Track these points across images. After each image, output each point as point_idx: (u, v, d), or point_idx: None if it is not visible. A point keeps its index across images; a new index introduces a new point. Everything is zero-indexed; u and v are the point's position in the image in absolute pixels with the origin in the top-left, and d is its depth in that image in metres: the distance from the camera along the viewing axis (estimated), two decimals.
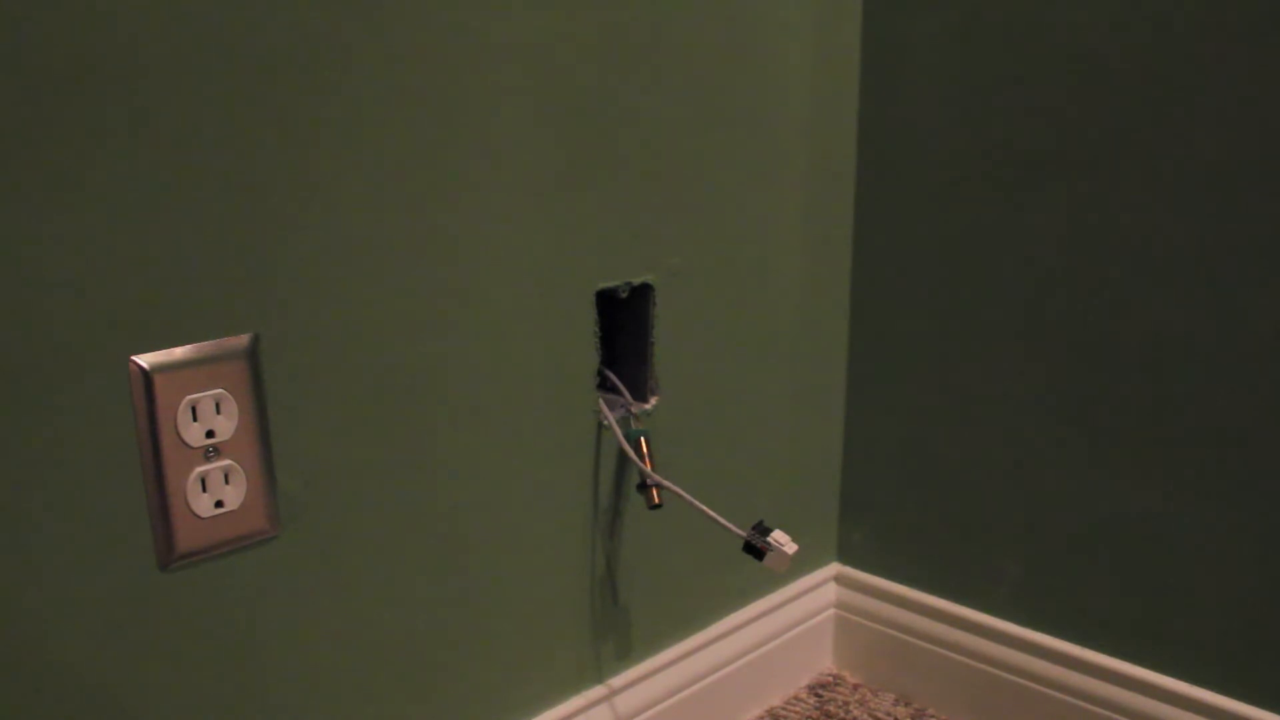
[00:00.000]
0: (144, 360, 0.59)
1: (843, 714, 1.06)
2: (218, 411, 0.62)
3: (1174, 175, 0.83)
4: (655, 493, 0.83)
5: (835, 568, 1.13)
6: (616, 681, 0.92)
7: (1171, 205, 0.84)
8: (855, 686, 1.11)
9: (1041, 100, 0.89)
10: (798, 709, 1.07)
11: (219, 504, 0.63)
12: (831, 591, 1.13)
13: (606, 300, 0.84)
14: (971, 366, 0.98)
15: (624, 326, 0.89)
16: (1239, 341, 0.82)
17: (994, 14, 0.91)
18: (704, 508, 0.82)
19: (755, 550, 0.79)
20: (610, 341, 0.87)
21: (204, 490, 0.62)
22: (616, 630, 0.91)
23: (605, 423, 0.85)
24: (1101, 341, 0.89)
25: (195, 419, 0.61)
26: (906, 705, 1.07)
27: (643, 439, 0.84)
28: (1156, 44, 0.82)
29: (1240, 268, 0.81)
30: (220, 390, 0.62)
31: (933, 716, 1.05)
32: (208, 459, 0.62)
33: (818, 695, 1.09)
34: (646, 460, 0.84)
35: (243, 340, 0.63)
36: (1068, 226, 0.89)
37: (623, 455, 0.87)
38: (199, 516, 0.62)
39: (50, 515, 0.57)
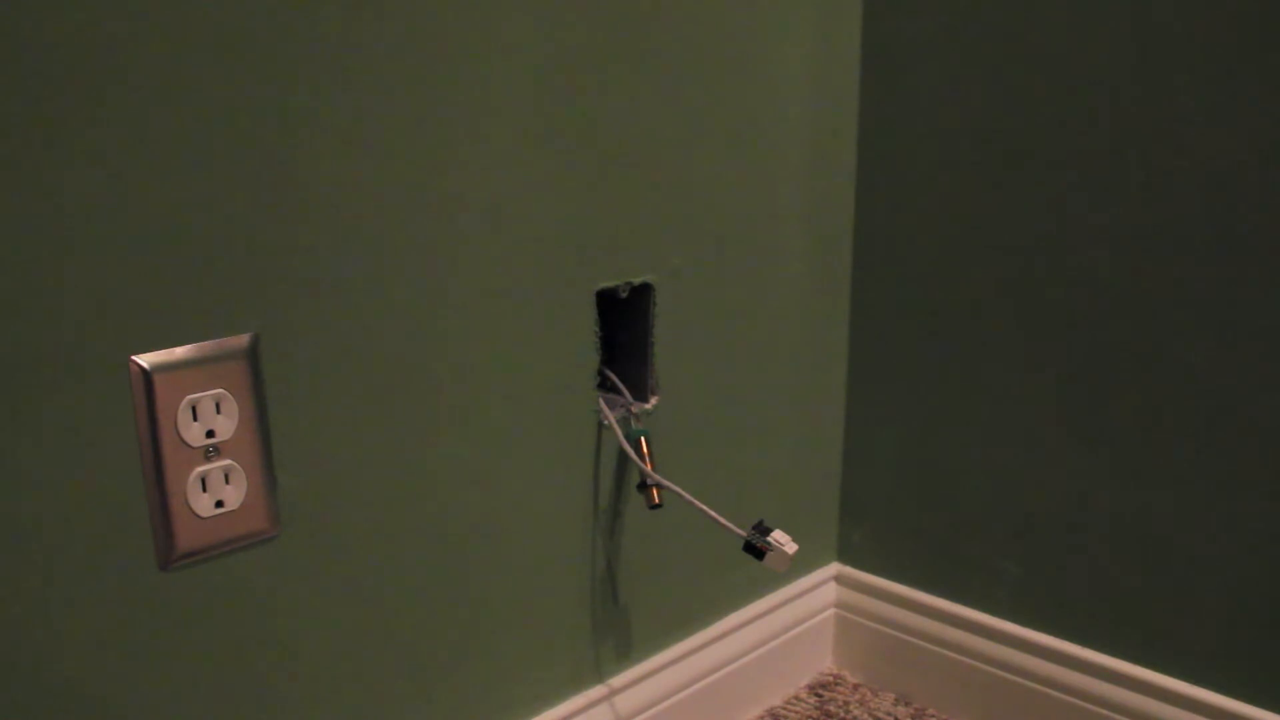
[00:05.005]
0: (144, 360, 0.59)
1: (843, 714, 1.06)
2: (218, 411, 0.62)
3: (1174, 174, 0.83)
4: (655, 492, 0.83)
5: (835, 568, 1.13)
6: (616, 681, 0.92)
7: (1172, 203, 0.84)
8: (855, 686, 1.11)
9: (1042, 100, 0.89)
10: (798, 709, 1.07)
11: (219, 504, 0.63)
12: (831, 591, 1.13)
13: (606, 300, 0.84)
14: (971, 366, 0.98)
15: (624, 326, 0.89)
16: (1238, 340, 0.82)
17: (994, 14, 0.91)
18: (704, 508, 0.82)
19: (755, 550, 0.79)
20: (610, 341, 0.87)
21: (204, 490, 0.62)
22: (616, 630, 0.91)
23: (605, 422, 0.85)
24: (1101, 341, 0.89)
25: (195, 419, 0.61)
26: (906, 705, 1.07)
27: (643, 439, 0.84)
28: (1156, 43, 0.82)
29: (1239, 265, 0.81)
30: (220, 390, 0.62)
31: (933, 716, 1.05)
32: (208, 459, 0.62)
33: (818, 695, 1.09)
34: (647, 460, 0.84)
35: (243, 340, 0.63)
36: (1068, 227, 0.89)
37: (623, 455, 0.87)
38: (199, 516, 0.62)
39: (50, 515, 0.57)
